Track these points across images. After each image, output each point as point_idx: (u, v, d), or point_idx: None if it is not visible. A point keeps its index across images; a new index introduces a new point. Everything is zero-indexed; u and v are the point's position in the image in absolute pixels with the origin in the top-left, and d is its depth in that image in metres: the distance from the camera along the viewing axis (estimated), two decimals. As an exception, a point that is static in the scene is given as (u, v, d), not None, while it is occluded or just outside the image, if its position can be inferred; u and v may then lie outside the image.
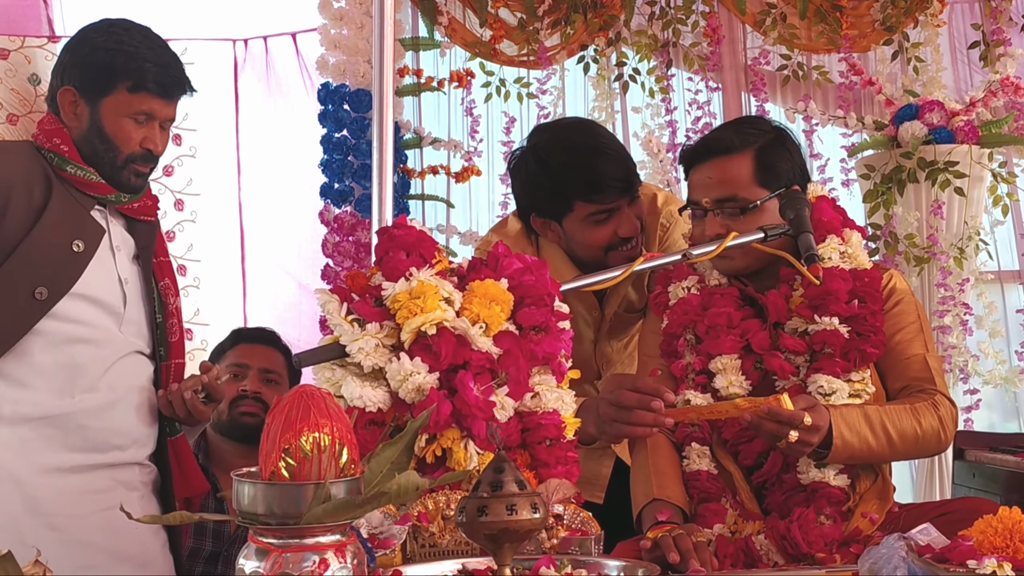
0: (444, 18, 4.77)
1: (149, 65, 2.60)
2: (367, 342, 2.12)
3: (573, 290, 2.42)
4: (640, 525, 2.48)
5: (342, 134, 4.64)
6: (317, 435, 1.53)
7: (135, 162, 2.63)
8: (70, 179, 2.59)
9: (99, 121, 2.60)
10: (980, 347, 4.67)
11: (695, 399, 2.55)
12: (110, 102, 2.59)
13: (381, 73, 3.77)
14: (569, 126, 2.99)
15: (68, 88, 2.61)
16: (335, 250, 4.56)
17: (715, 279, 2.65)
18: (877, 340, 2.51)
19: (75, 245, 2.56)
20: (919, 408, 2.47)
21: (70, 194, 2.58)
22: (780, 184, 2.58)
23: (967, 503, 2.44)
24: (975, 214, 4.54)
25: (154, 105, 2.62)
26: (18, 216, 2.51)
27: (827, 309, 2.50)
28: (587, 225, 2.81)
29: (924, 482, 4.39)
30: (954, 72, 5.02)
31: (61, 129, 2.61)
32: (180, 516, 1.59)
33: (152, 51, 2.62)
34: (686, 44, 4.93)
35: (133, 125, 2.60)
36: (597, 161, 2.76)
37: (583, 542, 2.00)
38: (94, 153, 2.61)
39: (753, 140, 2.58)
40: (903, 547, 1.80)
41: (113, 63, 2.58)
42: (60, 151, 2.59)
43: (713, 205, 2.56)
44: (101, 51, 2.59)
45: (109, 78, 2.58)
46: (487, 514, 1.61)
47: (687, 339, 2.64)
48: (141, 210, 2.71)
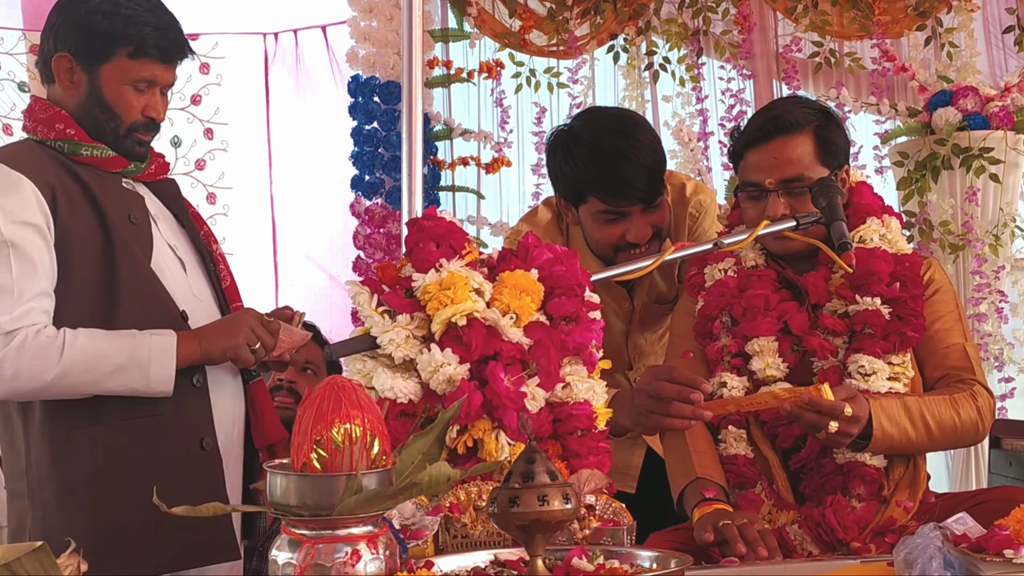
0: (473, 9, 4.77)
1: (149, 29, 2.44)
2: (398, 333, 2.12)
3: (603, 280, 2.41)
4: (682, 507, 2.46)
5: (372, 126, 4.64)
6: (348, 426, 1.53)
7: (137, 131, 2.49)
8: (88, 162, 2.46)
9: (99, 89, 2.44)
10: (1015, 335, 4.64)
11: (731, 381, 2.54)
12: (110, 69, 2.44)
13: (410, 66, 3.77)
14: (609, 121, 2.91)
15: (63, 54, 2.44)
16: (366, 242, 4.57)
17: (752, 261, 2.63)
18: (918, 324, 2.49)
19: (132, 218, 2.48)
20: (958, 399, 2.45)
21: (95, 175, 2.47)
22: (837, 162, 2.57)
23: (1003, 492, 2.42)
24: (1010, 200, 4.50)
25: (156, 71, 2.47)
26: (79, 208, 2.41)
27: (869, 289, 2.48)
28: (597, 220, 2.79)
29: (960, 471, 4.37)
30: (988, 57, 4.99)
31: (59, 112, 2.46)
32: (213, 508, 1.59)
33: (151, 13, 2.47)
34: (716, 32, 4.92)
35: (134, 93, 2.46)
36: (618, 165, 2.73)
37: (615, 532, 1.99)
38: (95, 124, 2.46)
39: (811, 118, 2.56)
40: (939, 536, 1.78)
41: (112, 27, 2.41)
42: (67, 136, 2.45)
43: (778, 185, 2.53)
44: (98, 14, 2.42)
45: (108, 43, 2.42)
46: (519, 505, 1.61)
47: (723, 321, 2.61)
48: (158, 172, 2.60)
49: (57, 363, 2.27)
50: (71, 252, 2.38)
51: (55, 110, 2.46)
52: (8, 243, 2.30)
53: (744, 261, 2.63)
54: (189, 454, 2.44)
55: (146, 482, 2.27)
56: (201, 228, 2.66)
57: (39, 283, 2.32)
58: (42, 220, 2.34)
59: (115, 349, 2.32)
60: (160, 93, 2.51)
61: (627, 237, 2.78)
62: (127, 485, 2.37)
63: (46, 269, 2.34)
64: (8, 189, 2.33)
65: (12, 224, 2.31)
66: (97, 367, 2.31)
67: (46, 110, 2.47)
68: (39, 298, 2.32)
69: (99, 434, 2.39)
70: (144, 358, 2.33)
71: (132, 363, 2.32)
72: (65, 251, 2.37)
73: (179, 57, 2.52)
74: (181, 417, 2.43)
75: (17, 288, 2.29)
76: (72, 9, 2.46)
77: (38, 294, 2.32)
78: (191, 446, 2.45)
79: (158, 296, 2.46)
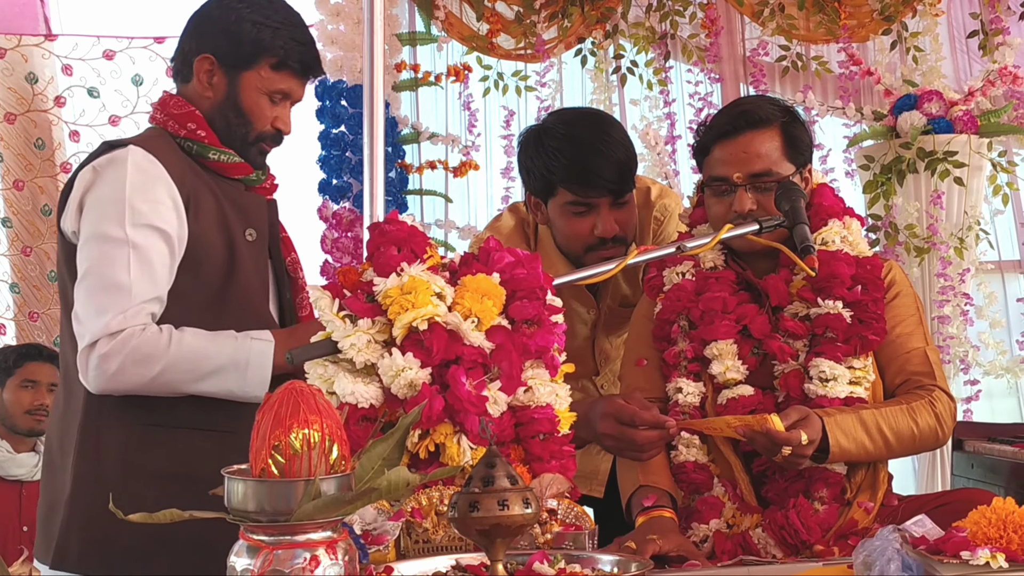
0: (441, 12, 4.76)
1: (294, 43, 2.49)
2: (359, 338, 2.11)
3: (566, 284, 2.41)
4: (629, 514, 2.48)
5: (340, 130, 4.64)
6: (307, 431, 1.52)
7: (264, 140, 2.53)
8: (213, 166, 2.49)
9: (236, 95, 2.48)
10: (981, 337, 4.68)
11: (686, 387, 2.55)
12: (251, 76, 2.48)
13: (372, 72, 3.75)
14: (581, 117, 2.98)
15: (206, 56, 2.48)
16: (333, 246, 4.56)
17: (711, 262, 2.62)
18: (878, 327, 2.50)
19: (248, 233, 2.51)
20: (916, 408, 2.45)
21: (218, 181, 2.50)
22: (803, 159, 2.57)
23: (965, 494, 2.44)
24: (975, 204, 4.54)
25: (293, 84, 2.52)
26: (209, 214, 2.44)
27: (830, 292, 2.48)
28: (565, 214, 2.80)
29: (926, 473, 4.40)
30: (953, 62, 5.03)
31: (193, 112, 2.49)
32: (171, 515, 1.59)
33: (297, 28, 2.52)
34: (684, 36, 4.93)
35: (268, 103, 2.50)
36: (588, 156, 2.75)
37: (577, 537, 1.99)
38: (227, 127, 2.50)
39: (779, 114, 2.56)
40: (897, 539, 1.79)
41: (260, 37, 2.46)
42: (198, 137, 2.48)
43: (746, 180, 2.52)
44: (247, 22, 2.46)
45: (254, 51, 2.46)
46: (479, 509, 1.60)
47: (681, 325, 2.61)
48: (272, 188, 2.64)
49: (162, 360, 2.32)
50: (201, 263, 2.43)
51: (189, 108, 2.49)
52: (130, 243, 2.34)
53: (703, 262, 2.62)
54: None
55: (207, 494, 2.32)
56: (288, 254, 2.67)
57: (154, 288, 2.36)
58: (174, 227, 2.39)
59: (217, 350, 2.36)
60: (290, 106, 2.56)
61: (596, 231, 2.78)
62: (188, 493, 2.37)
63: (163, 275, 2.38)
64: (145, 187, 2.37)
65: (138, 227, 2.35)
66: (199, 367, 2.35)
67: (180, 107, 2.51)
68: (151, 302, 2.36)
69: (174, 436, 2.42)
70: (243, 360, 2.37)
71: (232, 365, 2.37)
72: (195, 260, 2.42)
73: (316, 74, 2.59)
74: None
75: (134, 289, 2.33)
76: (221, 14, 2.50)
77: (151, 298, 2.35)
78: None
79: (264, 318, 2.52)
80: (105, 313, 2.31)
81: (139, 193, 2.36)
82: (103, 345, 2.30)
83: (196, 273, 2.43)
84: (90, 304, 2.33)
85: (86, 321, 2.33)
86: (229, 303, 2.45)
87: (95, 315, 2.32)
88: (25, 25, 5.07)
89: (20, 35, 5.07)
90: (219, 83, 2.49)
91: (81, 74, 5.14)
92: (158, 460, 2.41)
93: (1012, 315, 4.86)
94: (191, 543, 2.33)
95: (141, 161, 2.39)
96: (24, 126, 5.07)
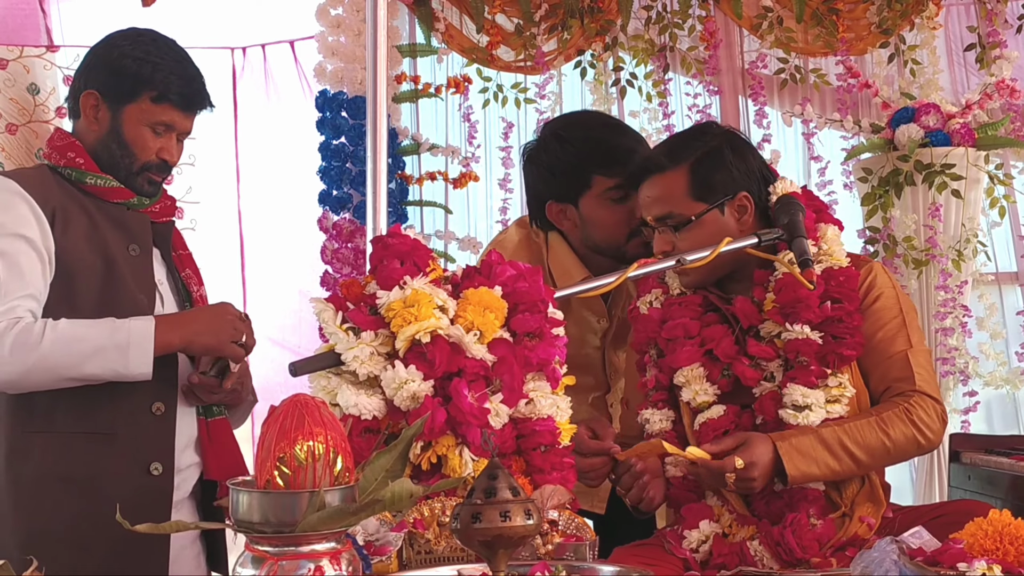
0: (441, 24, 4.78)
1: (174, 78, 2.62)
2: (362, 350, 2.13)
3: (567, 296, 2.43)
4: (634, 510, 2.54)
5: (340, 141, 4.64)
6: (311, 443, 1.54)
7: (150, 170, 2.64)
8: (92, 191, 2.60)
9: (119, 127, 2.61)
10: (981, 349, 4.68)
11: (652, 417, 2.58)
12: (132, 109, 2.61)
13: (375, 84, 3.77)
14: (583, 113, 3.05)
15: (91, 91, 2.62)
16: (334, 257, 4.57)
17: (677, 288, 2.64)
18: (854, 341, 2.48)
19: (131, 249, 2.60)
20: (887, 419, 2.42)
21: (99, 205, 2.60)
22: (718, 196, 2.56)
23: (961, 506, 2.44)
24: (972, 216, 4.55)
25: (175, 117, 2.64)
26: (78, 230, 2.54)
27: (798, 316, 2.47)
28: (603, 203, 2.83)
29: (923, 484, 4.41)
30: (951, 74, 5.04)
31: (74, 142, 2.62)
32: (176, 525, 1.60)
33: (178, 64, 2.64)
34: (683, 48, 4.94)
35: (151, 134, 2.62)
36: (614, 134, 2.81)
37: (578, 548, 2.01)
38: (111, 158, 2.61)
39: (688, 155, 2.57)
40: (895, 550, 1.81)
41: (140, 72, 2.59)
42: (76, 164, 2.60)
43: (655, 222, 2.58)
44: (129, 59, 2.60)
45: (134, 86, 2.60)
46: (481, 521, 1.62)
47: (651, 355, 2.65)
48: (163, 212, 2.74)
49: (38, 345, 2.37)
50: (74, 276, 2.52)
51: (71, 140, 2.64)
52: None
53: (670, 289, 2.65)
54: (136, 478, 2.53)
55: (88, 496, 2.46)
56: (183, 269, 2.77)
57: (26, 287, 2.44)
58: (37, 236, 2.48)
59: (95, 332, 2.42)
60: (176, 139, 2.68)
61: (637, 213, 2.74)
62: (68, 495, 2.48)
63: (35, 278, 2.46)
64: (5, 205, 2.49)
65: (2, 236, 2.45)
66: (77, 350, 2.40)
67: (63, 138, 2.66)
68: (25, 299, 2.44)
69: (52, 440, 2.49)
70: (123, 340, 2.42)
71: (112, 344, 2.42)
72: (68, 274, 2.51)
73: (198, 107, 2.71)
74: (135, 441, 2.53)
75: (4, 287, 2.42)
76: (105, 52, 2.65)
77: (24, 295, 2.43)
78: (139, 470, 2.54)
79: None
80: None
81: (2, 211, 2.47)
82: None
83: (72, 286, 2.52)
84: None
85: None
86: (111, 313, 2.50)
87: None
88: (27, 36, 5.09)
89: (22, 46, 5.08)
90: (103, 117, 2.62)
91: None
92: (35, 466, 2.49)
93: (1011, 327, 4.88)
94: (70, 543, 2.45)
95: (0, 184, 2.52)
96: (25, 137, 5.08)
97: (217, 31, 4.97)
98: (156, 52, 2.63)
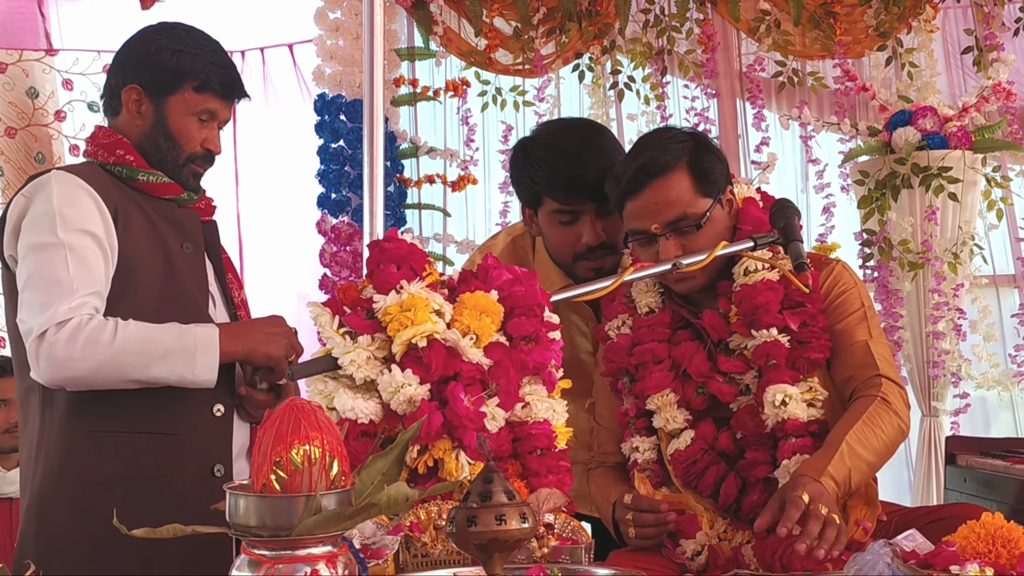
0: (439, 28, 4.79)
1: (213, 67, 2.62)
2: (359, 354, 2.14)
3: (564, 300, 2.43)
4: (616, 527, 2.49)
5: (339, 144, 4.66)
6: (308, 448, 1.55)
7: (195, 162, 2.65)
8: (142, 188, 2.60)
9: (164, 119, 2.61)
10: (975, 351, 4.69)
11: (641, 445, 2.54)
12: (176, 100, 2.61)
13: (372, 89, 3.78)
14: (569, 125, 3.01)
15: (133, 86, 2.61)
16: (332, 260, 4.58)
17: (646, 306, 2.59)
18: (820, 344, 2.46)
19: (185, 247, 2.61)
20: (873, 414, 2.37)
21: (151, 202, 2.60)
22: (718, 189, 2.53)
23: (957, 509, 2.44)
24: (969, 219, 4.57)
25: (217, 105, 2.64)
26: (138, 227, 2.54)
27: (760, 323, 2.45)
28: (552, 223, 2.81)
29: (920, 487, 4.42)
30: (948, 77, 5.05)
31: (121, 139, 2.61)
32: (173, 529, 1.61)
33: (215, 53, 2.66)
34: (681, 51, 4.96)
35: (196, 124, 2.63)
36: (570, 164, 2.76)
37: (573, 551, 2.01)
38: (157, 152, 2.62)
39: (681, 153, 2.51)
40: (888, 553, 1.82)
41: (180, 63, 2.59)
42: (126, 162, 2.60)
43: (663, 229, 2.48)
44: (167, 51, 2.60)
45: (176, 77, 2.60)
46: (476, 524, 1.63)
47: (624, 382, 2.60)
48: (207, 209, 2.74)
49: (110, 344, 2.38)
50: (136, 273, 2.52)
51: (118, 137, 2.62)
52: (65, 244, 2.44)
53: (639, 307, 2.60)
54: (202, 479, 2.53)
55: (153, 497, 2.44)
56: (227, 273, 2.76)
57: (93, 284, 2.45)
58: (102, 231, 2.49)
59: (164, 335, 2.43)
60: (217, 128, 2.69)
61: (583, 239, 2.77)
62: (132, 495, 2.46)
63: (100, 274, 2.47)
64: (71, 199, 2.49)
65: (70, 231, 2.45)
66: (146, 350, 2.41)
67: (109, 136, 2.64)
68: (92, 296, 2.44)
69: (116, 440, 2.49)
70: (190, 345, 2.44)
71: (180, 348, 2.43)
72: (129, 270, 2.51)
73: (237, 96, 2.71)
74: (197, 442, 2.53)
75: (75, 284, 2.42)
76: (141, 47, 2.65)
77: (91, 292, 2.44)
78: (204, 472, 2.54)
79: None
80: (50, 306, 2.39)
81: (67, 204, 2.47)
82: (52, 334, 2.37)
83: (132, 282, 2.52)
84: (35, 304, 2.42)
85: (32, 318, 2.41)
86: (171, 310, 2.51)
87: (40, 311, 2.40)
88: (26, 40, 5.11)
89: (21, 50, 5.11)
90: (147, 111, 2.62)
91: (81, 88, 5.19)
92: (100, 464, 2.49)
93: (1006, 329, 4.89)
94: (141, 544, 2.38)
95: (64, 179, 2.51)
96: (25, 140, 5.10)
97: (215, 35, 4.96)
98: (192, 43, 2.63)
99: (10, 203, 2.58)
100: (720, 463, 2.49)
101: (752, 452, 2.47)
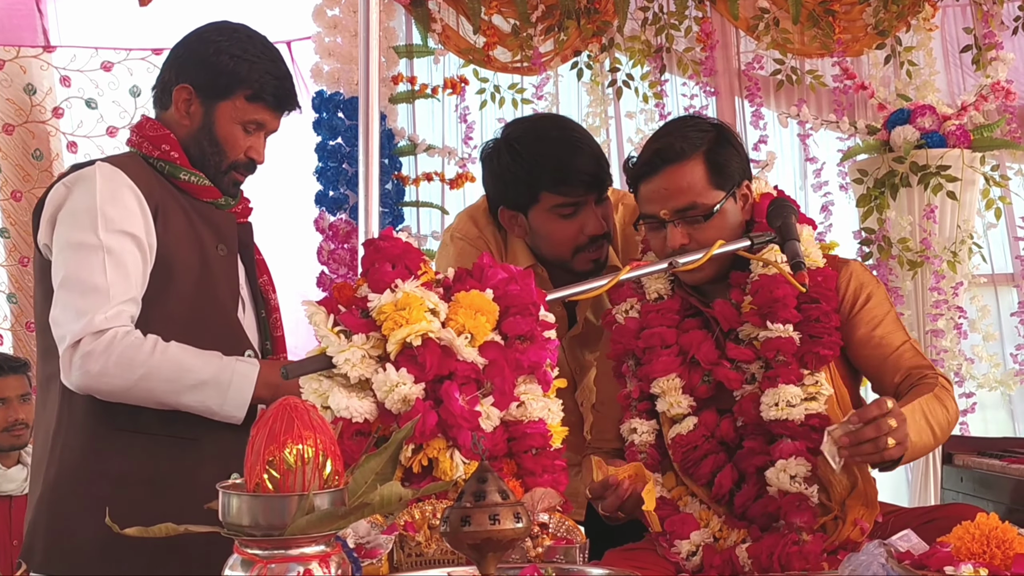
0: (438, 25, 4.79)
1: (269, 77, 2.58)
2: (353, 353, 2.13)
3: (559, 299, 2.43)
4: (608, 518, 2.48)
5: (336, 142, 4.66)
6: (301, 447, 1.54)
7: (237, 169, 2.62)
8: (184, 187, 2.58)
9: (212, 124, 2.57)
10: (974, 350, 4.69)
11: (640, 427, 2.55)
12: (226, 107, 2.57)
13: (367, 86, 3.77)
14: (542, 119, 3.02)
15: (185, 86, 2.57)
16: (330, 257, 4.58)
17: (655, 292, 2.60)
18: (831, 341, 2.46)
19: (220, 249, 2.59)
20: (940, 394, 2.40)
21: (191, 201, 2.58)
22: (733, 183, 2.53)
23: (953, 510, 2.43)
24: (968, 218, 4.57)
25: (266, 116, 2.61)
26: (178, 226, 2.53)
27: (776, 316, 2.45)
28: (552, 218, 2.79)
29: (918, 486, 4.42)
30: (947, 76, 5.05)
31: (167, 135, 2.58)
32: (166, 528, 1.61)
33: (273, 63, 2.61)
34: (679, 49, 4.96)
35: (243, 133, 2.59)
36: (567, 152, 2.75)
37: (568, 551, 2.01)
38: (200, 154, 2.59)
39: (700, 143, 2.51)
40: (883, 553, 1.82)
41: (237, 69, 2.55)
42: (171, 158, 2.57)
43: (672, 216, 2.49)
44: (225, 55, 2.55)
45: (231, 83, 2.56)
46: (470, 524, 1.62)
47: (629, 365, 2.60)
48: (244, 213, 2.73)
49: (144, 365, 2.37)
50: (172, 273, 2.50)
51: (165, 132, 2.59)
52: (104, 247, 2.42)
53: (648, 293, 2.60)
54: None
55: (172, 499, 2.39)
56: (261, 275, 2.76)
57: (130, 290, 2.43)
58: (142, 231, 2.47)
59: (202, 364, 2.42)
60: (264, 137, 2.65)
61: (585, 230, 2.77)
62: (151, 496, 2.45)
63: (137, 278, 2.45)
64: (114, 196, 2.46)
65: (111, 232, 2.43)
66: (180, 378, 2.40)
67: (156, 129, 2.60)
68: (128, 303, 2.42)
69: (138, 439, 2.48)
70: (226, 380, 2.43)
71: (214, 382, 2.42)
72: (166, 270, 2.50)
73: (289, 108, 2.67)
74: (217, 448, 2.51)
75: (112, 291, 2.40)
76: (200, 46, 2.60)
77: (128, 299, 2.42)
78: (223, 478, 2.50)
79: (234, 331, 2.60)
80: (86, 314, 2.37)
81: (109, 201, 2.45)
82: (87, 343, 2.36)
83: (168, 282, 2.50)
84: (70, 307, 2.40)
85: (67, 323, 2.39)
86: (203, 312, 2.51)
87: (76, 317, 2.38)
88: (24, 36, 5.10)
89: (19, 46, 5.10)
90: (196, 112, 2.58)
91: (79, 85, 5.19)
92: (119, 462, 2.48)
93: (1005, 328, 4.89)
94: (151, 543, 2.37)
95: (108, 173, 2.48)
96: (22, 137, 5.10)
97: (214, 32, 4.97)
98: (253, 50, 2.58)
99: (49, 189, 2.54)
100: (720, 452, 2.50)
101: (750, 441, 2.47)
